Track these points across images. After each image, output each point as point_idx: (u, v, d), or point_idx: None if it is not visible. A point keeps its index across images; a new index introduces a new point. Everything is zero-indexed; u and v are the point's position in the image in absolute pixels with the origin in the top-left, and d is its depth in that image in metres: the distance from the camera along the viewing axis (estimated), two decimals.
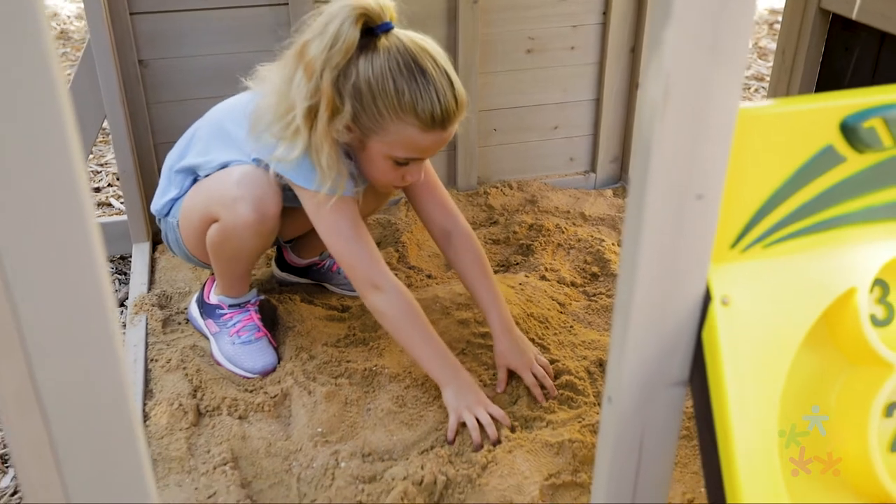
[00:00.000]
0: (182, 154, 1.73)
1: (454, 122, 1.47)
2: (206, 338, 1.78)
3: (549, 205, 2.39)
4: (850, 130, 0.94)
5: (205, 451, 1.48)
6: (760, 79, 3.87)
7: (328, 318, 1.87)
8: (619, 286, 0.95)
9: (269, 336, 1.75)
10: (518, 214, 2.34)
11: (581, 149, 2.57)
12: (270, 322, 1.82)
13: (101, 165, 2.85)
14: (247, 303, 1.75)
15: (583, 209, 2.39)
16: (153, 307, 1.88)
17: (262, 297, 1.83)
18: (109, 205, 2.60)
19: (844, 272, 1.00)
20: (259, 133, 1.53)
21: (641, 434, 1.04)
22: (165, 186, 1.76)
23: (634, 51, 2.43)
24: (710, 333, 0.96)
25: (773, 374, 0.98)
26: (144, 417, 1.55)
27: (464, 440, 1.51)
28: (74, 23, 4.32)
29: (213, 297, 1.76)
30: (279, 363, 1.72)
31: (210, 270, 1.82)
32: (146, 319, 1.84)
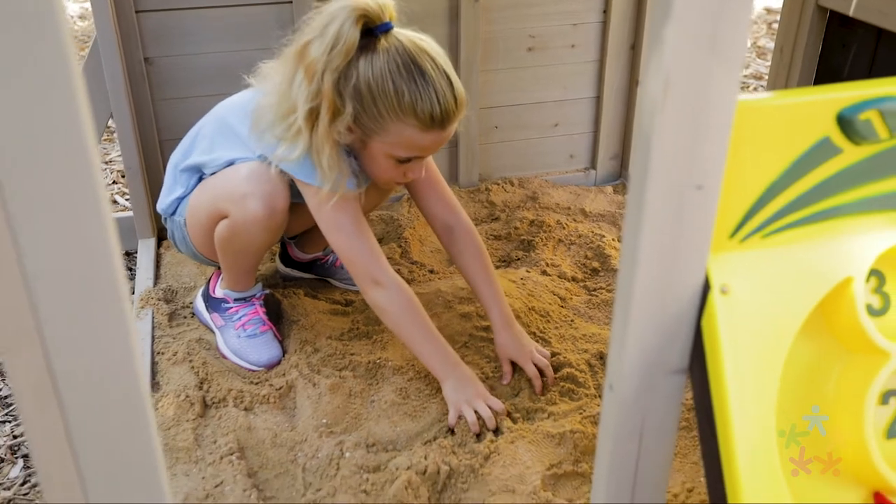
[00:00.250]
0: (187, 153, 1.75)
1: (454, 122, 1.49)
2: (212, 331, 1.80)
3: (550, 201, 2.41)
4: (847, 122, 0.96)
5: (211, 442, 1.50)
6: (759, 77, 3.89)
7: (332, 313, 1.90)
8: (620, 275, 0.97)
9: (274, 330, 1.77)
10: (519, 211, 2.36)
11: (581, 146, 2.59)
12: (275, 316, 1.84)
13: (106, 163, 2.87)
14: (252, 297, 1.78)
15: (583, 205, 2.41)
16: (159, 301, 1.90)
17: (267, 292, 1.85)
18: (114, 202, 2.62)
19: (841, 262, 1.02)
20: (261, 131, 1.55)
21: (642, 421, 1.05)
22: (171, 185, 1.78)
23: (634, 48, 2.45)
24: (710, 322, 0.98)
25: (771, 362, 1.00)
26: None
27: (466, 431, 1.53)
28: (78, 23, 4.35)
29: (219, 291, 1.78)
30: (284, 356, 1.74)
31: (216, 266, 1.84)
32: (152, 313, 1.86)
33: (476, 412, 1.54)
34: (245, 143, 1.63)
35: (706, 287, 0.97)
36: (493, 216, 2.37)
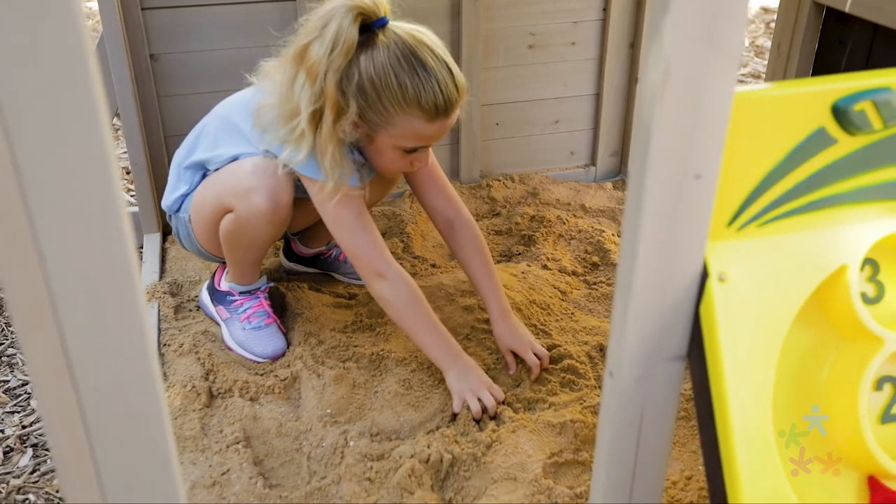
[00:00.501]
0: (190, 150, 1.77)
1: (457, 109, 1.52)
2: (217, 324, 1.83)
3: (551, 197, 2.43)
4: (842, 113, 0.98)
5: (218, 431, 1.52)
6: (757, 76, 3.91)
7: (335, 306, 1.92)
8: (620, 263, 1.00)
9: (279, 322, 1.80)
10: (520, 206, 2.38)
11: (581, 143, 2.62)
12: (279, 309, 1.86)
13: None
14: (257, 290, 1.80)
15: (583, 201, 2.43)
16: (165, 295, 1.93)
17: (272, 285, 1.87)
18: None
19: (836, 250, 1.04)
20: (262, 129, 1.58)
21: (642, 407, 1.08)
22: (175, 183, 1.80)
23: (634, 46, 2.48)
24: (708, 308, 1.00)
25: (768, 348, 1.02)
26: None
27: (468, 420, 1.55)
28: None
29: (224, 284, 1.81)
30: (288, 348, 1.76)
31: (220, 262, 1.86)
32: (158, 307, 1.89)
33: (480, 400, 1.56)
34: (248, 140, 1.65)
35: (704, 274, 0.99)
36: (495, 212, 2.39)
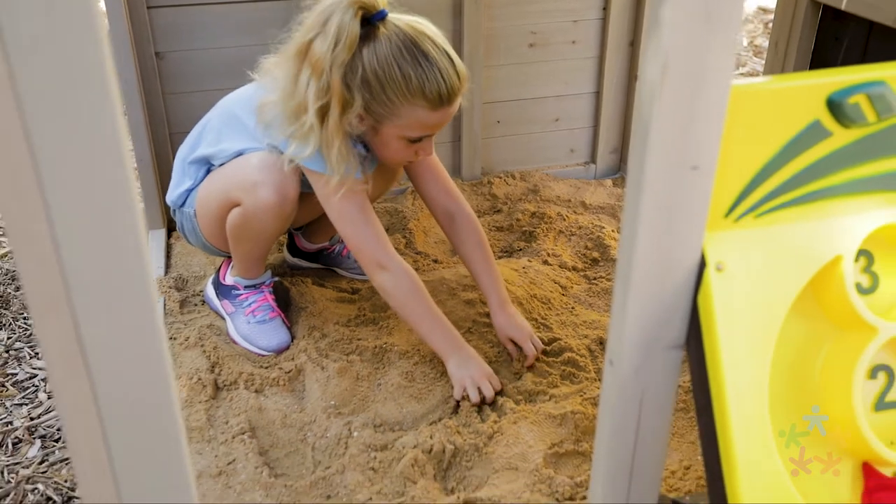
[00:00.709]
0: (194, 146, 1.79)
1: (459, 97, 1.55)
2: (222, 318, 1.85)
3: (551, 194, 2.46)
4: (836, 106, 1.00)
5: (223, 422, 1.54)
6: (756, 75, 3.94)
7: (339, 300, 1.94)
8: (620, 253, 1.02)
9: (283, 316, 1.82)
10: (521, 203, 2.41)
11: (581, 140, 2.64)
12: (284, 303, 1.88)
13: None
14: (262, 284, 1.82)
15: (583, 198, 2.46)
16: (170, 289, 1.95)
17: (276, 279, 1.89)
18: None
19: (831, 241, 1.06)
20: (266, 126, 1.60)
21: (641, 394, 1.10)
22: (179, 178, 1.82)
23: (633, 45, 2.50)
24: (705, 298, 1.02)
25: (765, 337, 1.04)
26: None
27: (470, 412, 1.57)
28: None
29: (229, 279, 1.83)
30: (292, 341, 1.78)
31: (225, 256, 1.89)
32: (164, 301, 1.91)
33: (480, 389, 1.60)
34: (253, 134, 1.67)
35: (702, 264, 1.01)
36: (496, 208, 2.42)
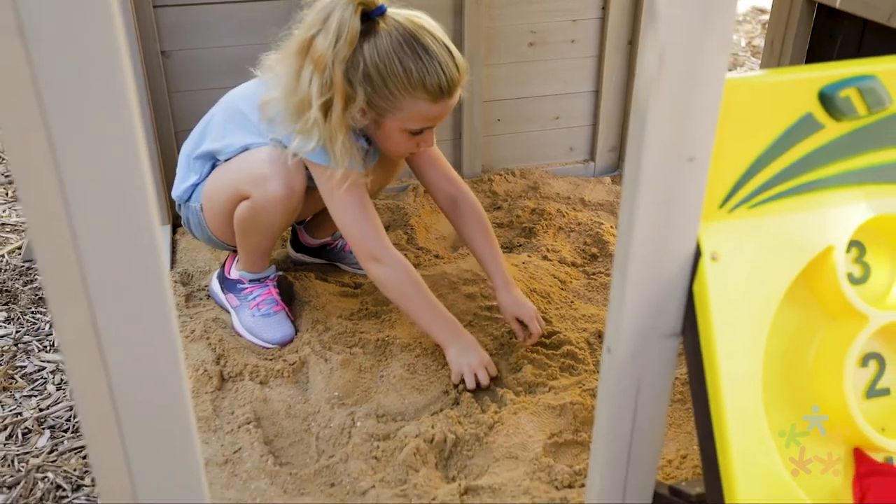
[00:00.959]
0: (199, 142, 1.82)
1: (458, 89, 1.59)
2: (227, 311, 1.88)
3: (551, 191, 2.49)
4: (828, 99, 1.03)
5: (229, 413, 1.57)
6: None
7: (342, 294, 1.97)
8: (618, 242, 1.04)
9: (287, 310, 1.85)
10: (521, 200, 2.43)
11: (581, 138, 2.67)
12: (287, 297, 1.91)
13: None
14: (266, 278, 1.85)
15: (582, 195, 2.48)
16: (176, 284, 1.98)
17: (280, 273, 1.92)
18: None
19: (823, 232, 1.08)
20: (269, 120, 1.63)
21: (638, 382, 1.12)
22: (185, 173, 1.85)
23: (632, 44, 2.53)
24: (701, 286, 1.05)
25: (758, 325, 1.07)
26: None
27: (471, 403, 1.60)
28: None
29: (234, 273, 1.86)
30: (296, 334, 1.81)
31: (230, 250, 1.91)
32: None
33: (476, 377, 1.65)
34: (257, 129, 1.70)
35: (697, 254, 1.04)
36: (496, 205, 2.44)
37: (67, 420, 1.66)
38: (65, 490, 1.49)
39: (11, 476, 1.51)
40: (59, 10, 0.69)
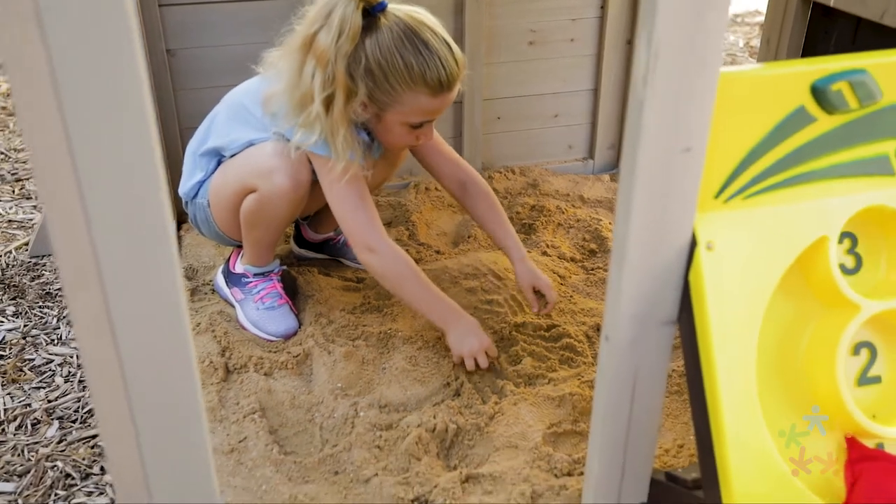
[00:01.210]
0: (204, 139, 1.85)
1: (458, 83, 1.62)
2: (232, 305, 1.90)
3: (550, 188, 2.52)
4: (820, 92, 1.06)
5: (234, 403, 1.60)
6: None
7: (344, 289, 2.00)
8: (615, 233, 1.07)
9: (291, 303, 1.88)
10: (521, 197, 2.46)
11: (580, 136, 2.70)
12: (291, 291, 1.94)
13: None
14: (270, 272, 1.88)
15: (581, 192, 2.51)
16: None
17: (284, 268, 1.95)
18: None
19: (816, 222, 1.11)
20: (272, 115, 1.67)
21: (636, 368, 1.15)
22: (191, 170, 1.88)
23: (630, 43, 2.56)
24: (696, 275, 1.07)
25: (752, 313, 1.10)
26: None
27: (472, 394, 1.63)
28: None
29: (239, 267, 1.89)
30: (300, 327, 1.84)
31: (236, 246, 1.94)
32: None
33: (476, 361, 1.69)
34: (261, 124, 1.73)
35: (693, 243, 1.07)
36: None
37: (75, 411, 1.69)
38: (74, 478, 1.52)
39: (21, 465, 1.54)
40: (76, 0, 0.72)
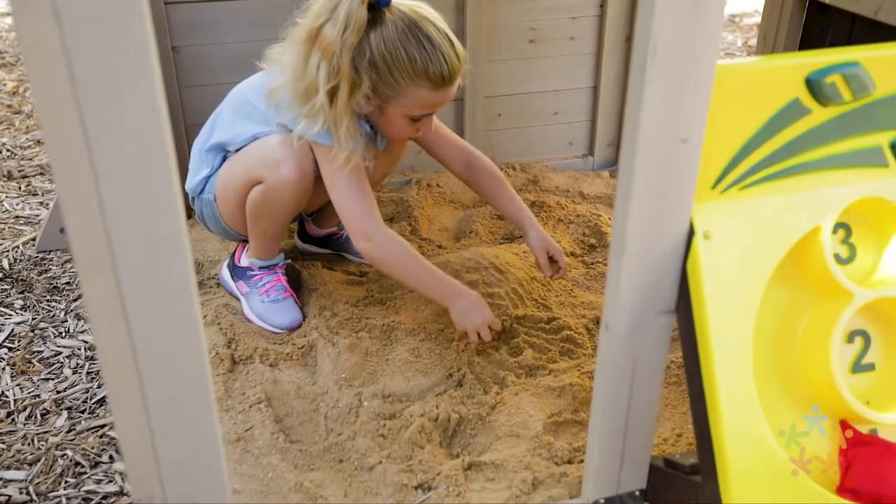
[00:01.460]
0: (208, 135, 1.88)
1: (458, 77, 1.66)
2: (237, 298, 1.93)
3: (550, 184, 2.54)
4: (815, 85, 1.08)
5: (240, 393, 1.62)
6: None
7: (348, 283, 2.03)
8: (615, 223, 1.10)
9: (295, 296, 1.90)
10: (521, 193, 2.48)
11: (580, 133, 2.73)
12: (295, 285, 1.97)
13: None
14: (275, 265, 1.91)
15: (581, 188, 2.54)
16: None
17: (289, 261, 1.97)
18: None
19: (811, 213, 1.14)
20: (276, 106, 1.70)
21: (634, 356, 1.18)
22: (197, 166, 1.91)
23: (629, 41, 2.58)
24: (694, 264, 1.10)
25: (748, 301, 1.12)
26: None
27: (474, 384, 1.66)
28: None
29: (244, 260, 1.91)
30: (304, 320, 1.87)
31: (243, 240, 1.97)
32: None
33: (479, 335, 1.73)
34: (265, 118, 1.76)
35: (691, 233, 1.10)
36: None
37: (84, 402, 1.71)
38: (83, 466, 1.54)
39: (32, 453, 1.56)
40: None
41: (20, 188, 2.62)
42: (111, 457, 1.57)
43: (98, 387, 1.75)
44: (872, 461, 1.15)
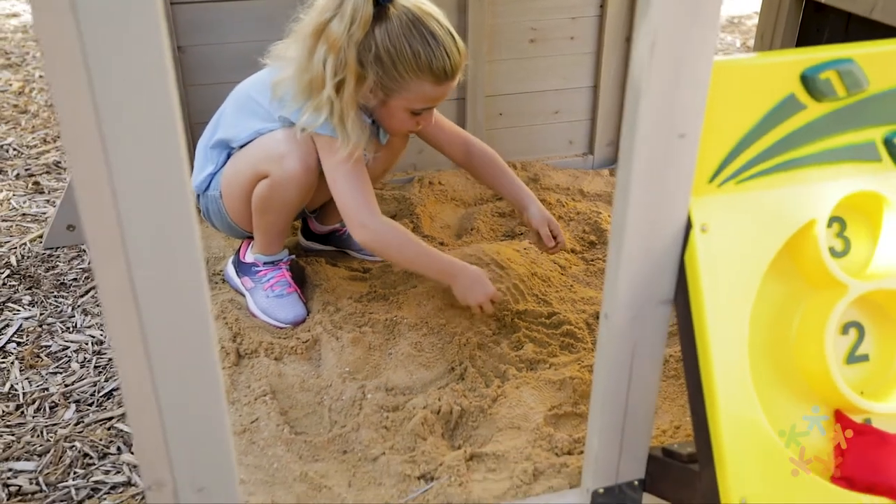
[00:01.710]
0: (213, 133, 1.91)
1: (460, 72, 1.70)
2: (242, 294, 1.96)
3: (551, 182, 2.57)
4: (810, 81, 1.11)
5: (246, 386, 1.65)
6: None
7: (351, 278, 2.05)
8: (614, 216, 1.12)
9: (299, 292, 1.93)
10: None
11: (580, 132, 2.76)
12: (299, 281, 1.99)
13: None
14: (280, 261, 1.93)
15: (581, 186, 2.57)
16: None
17: (293, 257, 2.00)
18: None
19: (806, 206, 1.16)
20: (280, 99, 1.73)
21: (633, 345, 1.20)
22: (202, 164, 1.93)
23: (629, 41, 2.60)
24: (691, 256, 1.12)
25: (745, 293, 1.15)
26: None
27: (476, 378, 1.68)
28: None
29: (249, 257, 1.94)
30: (308, 315, 1.89)
31: (248, 237, 1.99)
32: None
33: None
34: (268, 114, 1.79)
35: (688, 226, 1.12)
36: (498, 196, 2.52)
37: (91, 395, 1.74)
38: (91, 458, 1.57)
39: (41, 445, 1.59)
40: None
41: (27, 186, 2.65)
42: (119, 448, 1.59)
43: (105, 380, 1.78)
44: (866, 450, 1.17)
